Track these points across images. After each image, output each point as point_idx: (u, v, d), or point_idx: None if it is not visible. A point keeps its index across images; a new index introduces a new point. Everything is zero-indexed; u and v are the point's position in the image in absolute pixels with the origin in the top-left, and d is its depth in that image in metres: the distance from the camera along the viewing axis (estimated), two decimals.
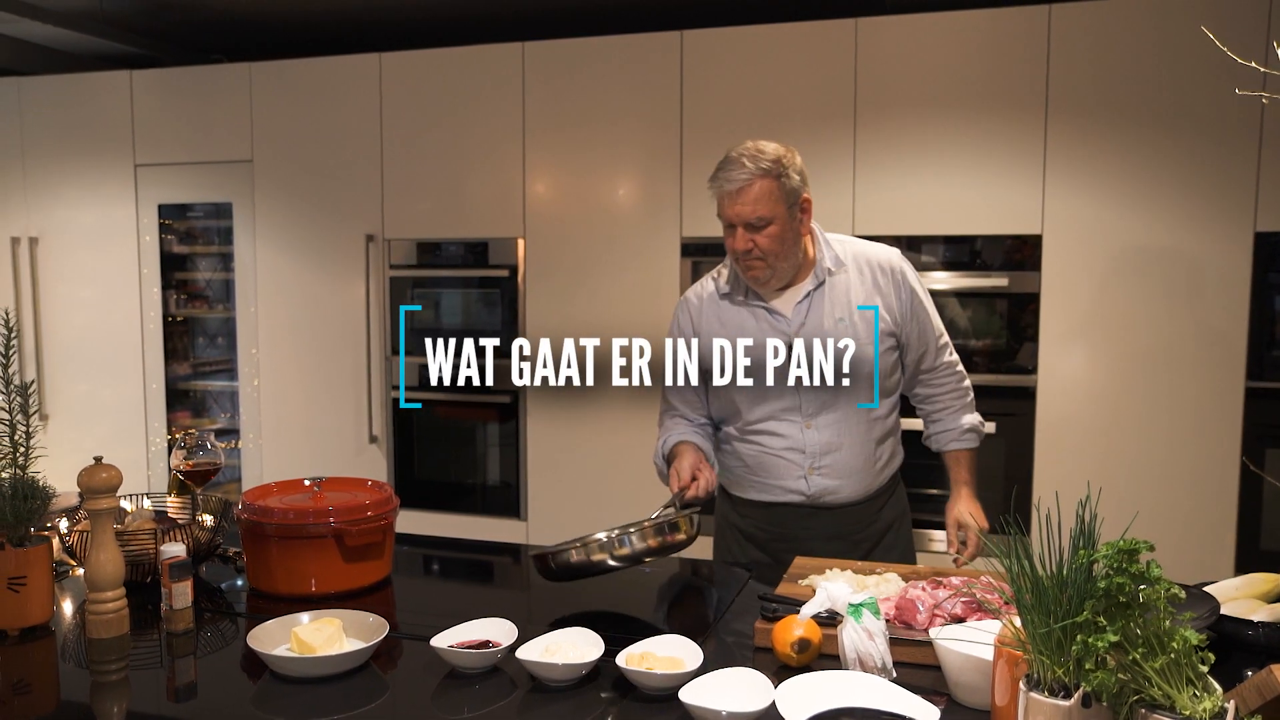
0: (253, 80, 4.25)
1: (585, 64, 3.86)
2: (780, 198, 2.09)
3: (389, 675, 1.59)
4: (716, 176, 2.13)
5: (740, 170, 2.08)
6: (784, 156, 2.11)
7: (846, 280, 2.20)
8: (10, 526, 1.68)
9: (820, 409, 2.18)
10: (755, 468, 2.26)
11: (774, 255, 2.12)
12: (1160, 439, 3.35)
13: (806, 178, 2.16)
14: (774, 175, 2.08)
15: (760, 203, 2.07)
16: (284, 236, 4.27)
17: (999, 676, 1.25)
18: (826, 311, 2.18)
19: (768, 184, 2.07)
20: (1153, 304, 3.33)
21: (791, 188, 2.11)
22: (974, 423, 2.39)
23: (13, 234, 4.59)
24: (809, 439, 2.19)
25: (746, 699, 1.37)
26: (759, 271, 2.15)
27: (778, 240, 2.11)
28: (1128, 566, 1.07)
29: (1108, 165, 3.33)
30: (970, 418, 2.39)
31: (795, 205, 2.12)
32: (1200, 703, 1.03)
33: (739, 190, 2.08)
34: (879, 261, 2.23)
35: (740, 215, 2.09)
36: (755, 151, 2.10)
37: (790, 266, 2.17)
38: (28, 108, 4.55)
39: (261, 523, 1.89)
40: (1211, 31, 3.00)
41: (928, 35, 3.48)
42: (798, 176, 2.12)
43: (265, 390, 4.36)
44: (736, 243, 2.11)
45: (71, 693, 1.60)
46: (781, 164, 2.09)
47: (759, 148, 2.11)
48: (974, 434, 2.38)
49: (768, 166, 2.08)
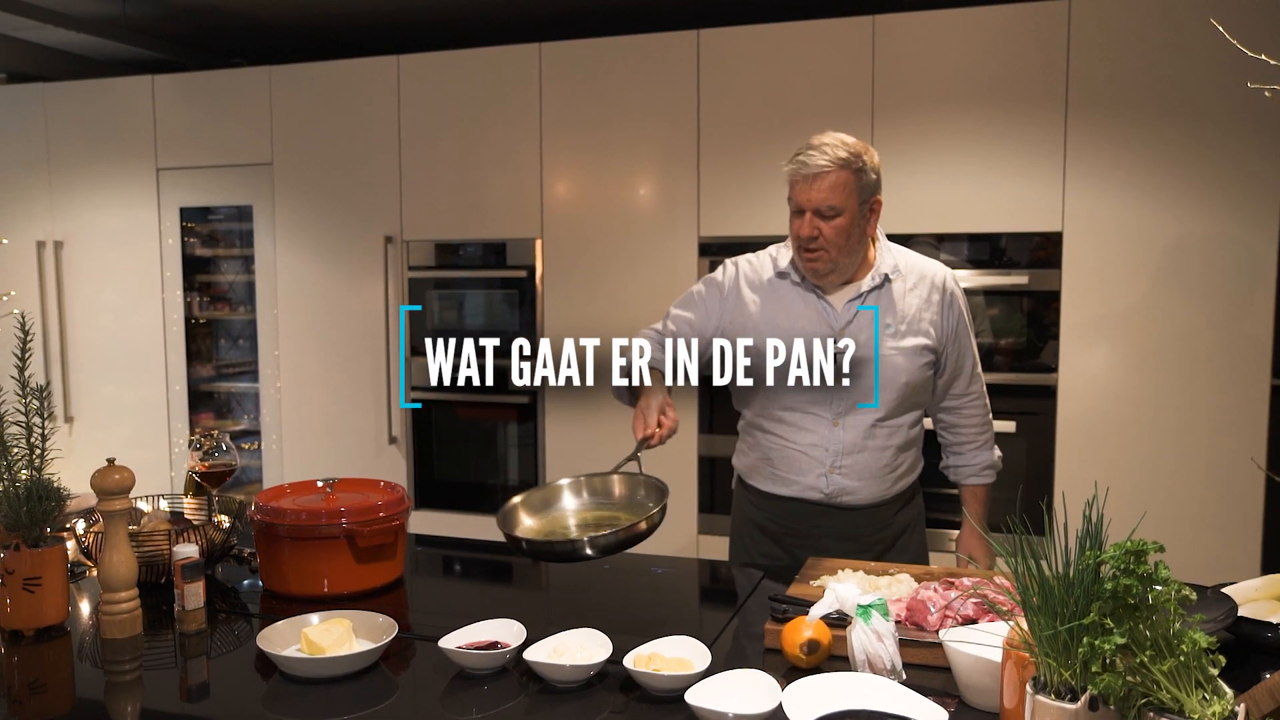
0: (272, 83, 4.28)
1: (602, 64, 3.86)
2: (854, 191, 2.08)
3: (398, 676, 1.59)
4: (795, 158, 2.10)
5: (821, 156, 2.06)
6: (865, 153, 2.10)
7: (902, 289, 2.18)
8: (25, 528, 1.70)
9: (850, 409, 2.16)
10: (776, 460, 2.24)
11: (836, 248, 2.10)
12: (1184, 437, 3.31)
13: (880, 177, 2.15)
14: (853, 168, 2.07)
15: (835, 191, 2.06)
16: (304, 238, 4.30)
17: (1007, 679, 1.24)
18: (875, 315, 2.16)
19: (845, 175, 2.06)
20: (1176, 301, 3.29)
21: (867, 184, 2.10)
22: (994, 459, 2.40)
23: (38, 238, 4.64)
24: (835, 437, 2.17)
25: (753, 701, 1.36)
26: (819, 263, 2.13)
27: (844, 233, 2.09)
28: (1135, 568, 1.05)
29: (1129, 161, 3.29)
30: (991, 454, 2.39)
31: (867, 203, 2.12)
32: (1210, 706, 1.01)
33: (816, 175, 2.06)
34: (933, 277, 2.22)
35: (812, 201, 2.07)
36: (838, 142, 2.09)
37: (851, 263, 2.16)
38: (53, 113, 4.60)
39: (274, 524, 1.90)
40: (1226, 23, 2.96)
41: (945, 31, 3.45)
42: (874, 175, 2.12)
43: (286, 391, 4.39)
44: (803, 228, 2.09)
45: (86, 692, 1.61)
46: (862, 159, 2.09)
47: (842, 139, 2.10)
48: (992, 470, 2.39)
49: (848, 158, 2.06)
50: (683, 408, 3.80)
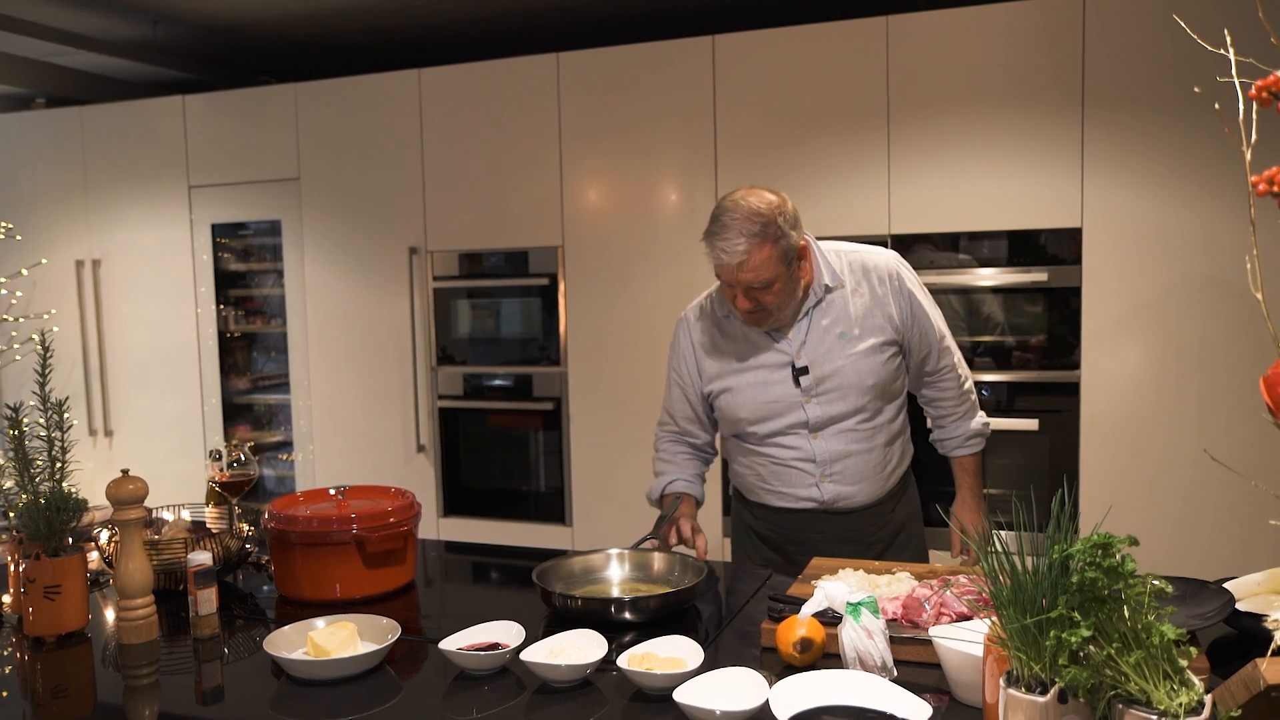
0: (298, 100, 4.36)
1: (619, 72, 3.89)
2: (778, 258, 2.06)
3: (402, 677, 1.63)
4: (712, 243, 2.07)
5: (736, 240, 2.03)
6: (777, 214, 2.05)
7: (844, 295, 2.19)
8: (45, 538, 1.76)
9: (826, 421, 2.19)
10: (768, 477, 2.27)
11: (777, 306, 2.13)
12: (1210, 432, 3.26)
13: (799, 221, 2.12)
14: (771, 239, 2.04)
15: (761, 269, 2.05)
16: (331, 251, 4.38)
17: (988, 674, 1.25)
18: (826, 327, 2.18)
19: (765, 249, 2.03)
20: (1198, 295, 3.25)
21: (788, 245, 2.08)
22: (978, 427, 2.37)
23: (77, 257, 4.77)
24: (818, 448, 2.20)
25: (742, 698, 1.38)
26: (763, 323, 2.17)
27: (781, 294, 2.11)
28: (1101, 561, 1.06)
29: (1147, 155, 3.26)
30: (974, 423, 2.37)
31: (795, 261, 2.11)
32: (1177, 697, 1.02)
33: (739, 262, 2.04)
34: (876, 269, 2.21)
35: (741, 281, 2.07)
36: (749, 216, 2.03)
37: (791, 309, 2.17)
38: (89, 135, 4.72)
39: (286, 531, 1.95)
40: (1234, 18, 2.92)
41: (959, 30, 3.45)
42: (792, 230, 2.09)
43: (317, 402, 4.47)
44: (740, 302, 2.11)
45: (106, 697, 1.67)
46: (776, 224, 2.04)
47: (752, 210, 2.04)
48: (979, 439, 2.38)
49: (762, 231, 2.03)
50: None
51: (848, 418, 2.18)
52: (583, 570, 1.97)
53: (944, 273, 3.51)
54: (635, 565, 1.99)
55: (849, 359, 2.16)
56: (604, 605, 1.79)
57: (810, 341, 2.18)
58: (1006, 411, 3.49)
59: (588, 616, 1.77)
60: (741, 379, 2.23)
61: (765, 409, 2.21)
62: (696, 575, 1.87)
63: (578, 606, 1.79)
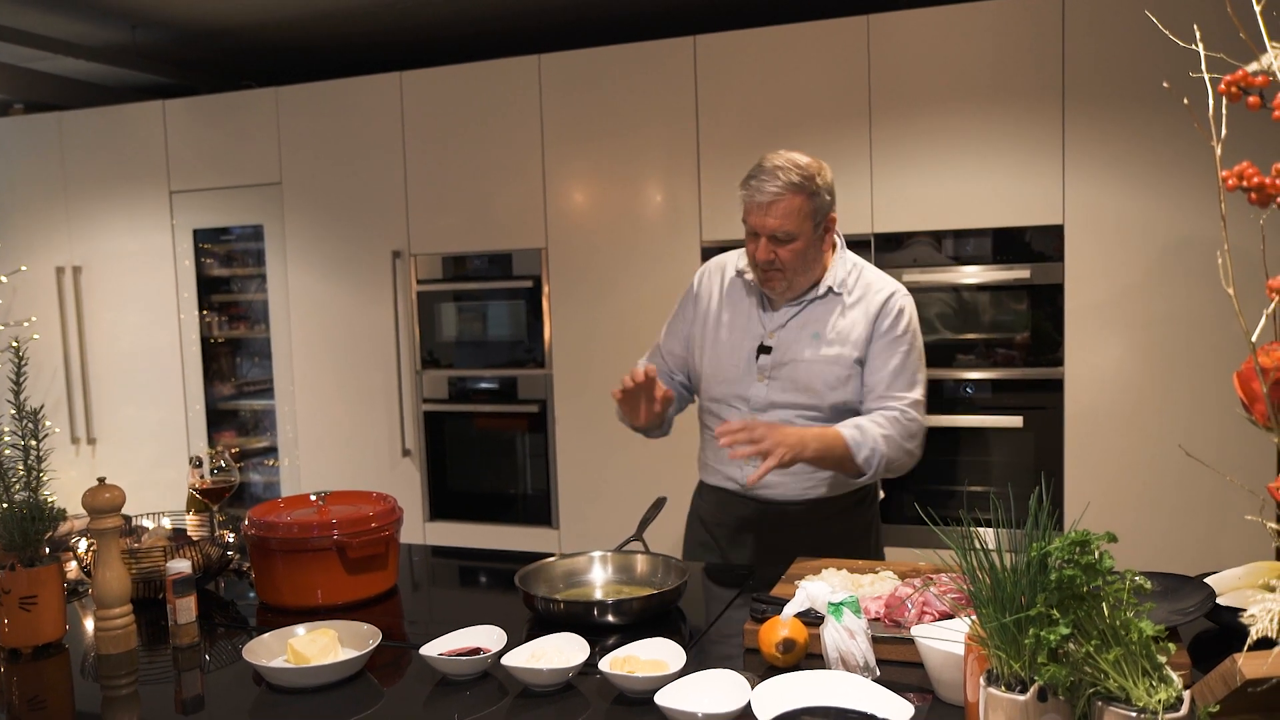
0: (279, 104, 4.34)
1: (601, 73, 3.88)
2: (808, 214, 2.10)
3: (384, 683, 1.62)
4: (748, 184, 2.12)
5: (773, 182, 2.07)
6: (818, 173, 2.11)
7: (839, 304, 2.20)
8: (20, 548, 1.74)
9: (768, 405, 2.21)
10: (707, 449, 2.35)
11: (792, 270, 2.14)
12: (1193, 427, 3.27)
13: (834, 195, 2.17)
14: (806, 192, 2.08)
15: (788, 218, 2.08)
16: (313, 256, 4.36)
17: (969, 673, 1.24)
18: (807, 324, 2.20)
19: (798, 200, 2.08)
20: (1181, 290, 3.26)
21: (820, 205, 2.11)
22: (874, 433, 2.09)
23: (58, 264, 4.74)
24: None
25: (723, 700, 1.37)
26: (775, 283, 2.18)
27: (799, 256, 2.12)
28: (1079, 558, 1.05)
29: (1128, 152, 3.27)
30: (876, 431, 2.09)
31: (821, 223, 2.14)
32: (1156, 694, 1.02)
33: (769, 203, 2.08)
34: (876, 295, 2.21)
35: (766, 227, 2.09)
36: (789, 164, 2.09)
37: (806, 281, 2.19)
38: (68, 141, 4.69)
39: (266, 537, 1.93)
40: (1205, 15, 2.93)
41: (940, 28, 3.45)
42: (828, 195, 2.13)
43: (302, 408, 4.45)
44: (759, 252, 2.13)
45: (85, 707, 1.65)
46: (814, 181, 2.10)
47: (794, 161, 2.10)
48: (858, 433, 2.09)
49: (799, 182, 2.07)
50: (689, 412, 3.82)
51: (791, 409, 2.19)
52: (566, 573, 1.97)
53: (927, 271, 3.51)
54: (618, 568, 1.98)
55: (810, 358, 2.18)
56: (586, 608, 1.79)
57: (789, 327, 2.21)
58: (991, 409, 3.50)
59: (570, 620, 1.76)
60: (717, 336, 2.28)
61: (723, 369, 2.25)
62: (679, 577, 1.86)
63: (560, 610, 1.78)
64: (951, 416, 3.53)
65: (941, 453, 3.57)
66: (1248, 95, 0.95)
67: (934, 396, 3.56)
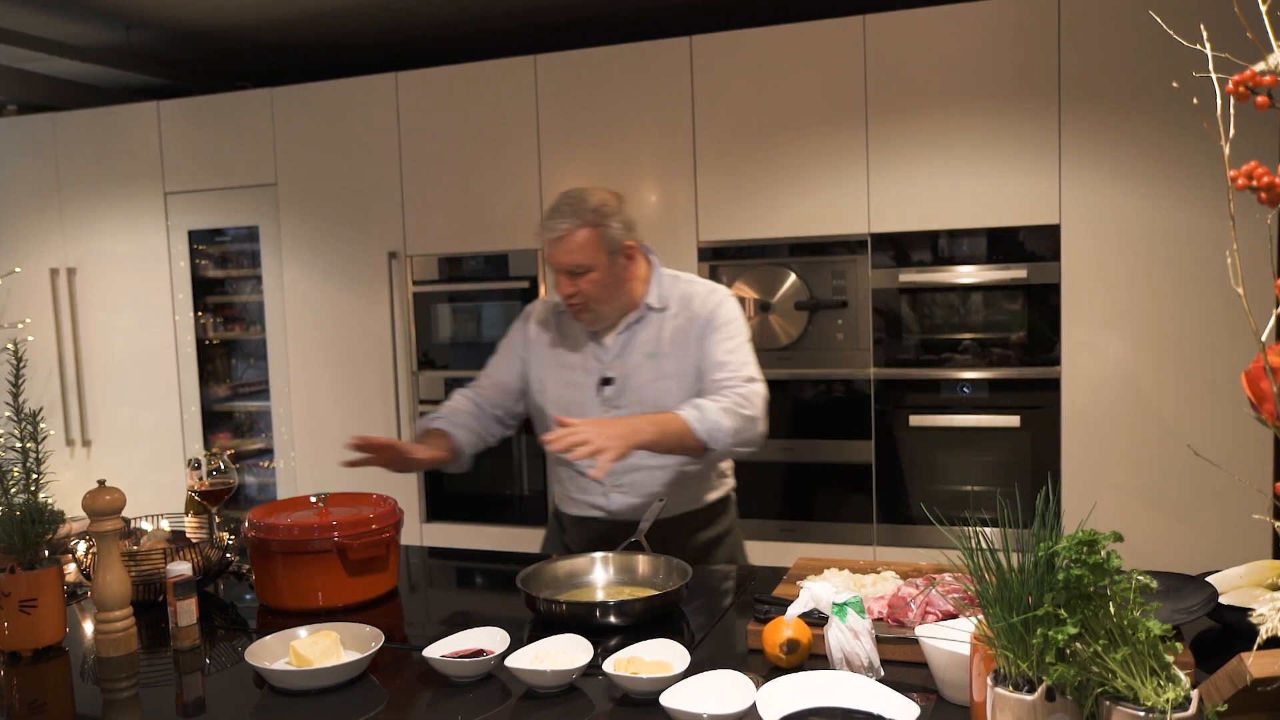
0: (274, 105, 4.33)
1: (597, 74, 3.88)
2: (601, 246, 2.16)
3: (386, 685, 1.61)
4: (543, 221, 2.20)
5: (561, 219, 2.15)
6: (606, 205, 2.17)
7: (661, 319, 2.25)
8: (20, 551, 1.73)
9: None
10: (566, 481, 2.36)
11: (595, 300, 2.19)
12: (1191, 426, 3.28)
13: (632, 225, 2.22)
14: (594, 224, 2.15)
15: (581, 251, 2.14)
16: (309, 257, 4.35)
17: (975, 673, 1.24)
18: (640, 344, 2.24)
19: (587, 233, 2.14)
20: (1178, 289, 3.27)
21: (613, 236, 2.17)
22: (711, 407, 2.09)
23: (52, 265, 4.72)
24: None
25: (728, 701, 1.37)
26: (582, 315, 2.23)
27: (599, 286, 2.17)
28: (1086, 558, 1.05)
29: (1124, 151, 3.28)
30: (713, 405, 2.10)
31: (617, 253, 2.19)
32: (1164, 693, 1.02)
33: (560, 238, 2.15)
34: (697, 302, 2.25)
35: (562, 262, 2.16)
36: (578, 200, 2.17)
37: (613, 310, 2.24)
38: (62, 142, 4.68)
39: (267, 539, 1.93)
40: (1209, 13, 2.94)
41: (935, 28, 3.46)
42: (620, 225, 2.19)
43: (298, 409, 4.44)
44: (560, 287, 2.19)
45: (85, 709, 1.64)
46: (602, 213, 2.16)
47: (583, 196, 2.18)
48: (695, 410, 2.09)
49: (588, 216, 2.15)
50: None
51: None
52: (567, 574, 1.96)
53: (924, 270, 3.51)
54: (620, 569, 1.98)
55: (652, 378, 2.22)
56: (588, 609, 1.79)
57: (624, 355, 2.25)
58: (987, 409, 3.51)
59: (572, 621, 1.75)
60: (557, 375, 2.31)
61: (570, 407, 2.28)
62: (682, 578, 1.86)
63: (562, 611, 1.78)
64: (948, 416, 3.54)
65: (938, 452, 3.57)
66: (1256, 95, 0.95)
67: (931, 396, 3.56)
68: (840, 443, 3.69)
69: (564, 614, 1.78)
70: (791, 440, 3.74)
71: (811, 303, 3.67)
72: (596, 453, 1.92)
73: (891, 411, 3.61)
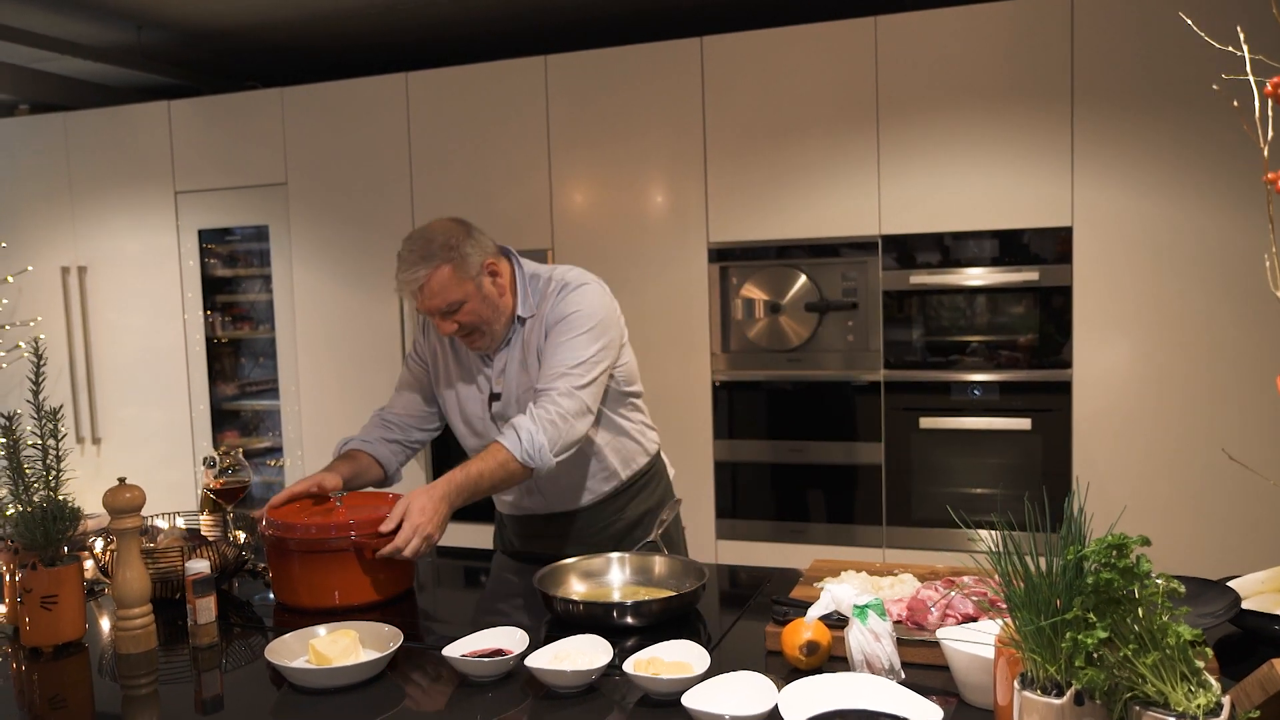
0: (285, 105, 4.34)
1: (607, 74, 3.88)
2: (464, 277, 2.11)
3: (405, 685, 1.62)
4: (397, 275, 2.15)
5: (413, 269, 2.10)
6: (451, 235, 2.12)
7: (530, 326, 2.24)
8: (41, 547, 1.74)
9: None
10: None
11: (480, 326, 2.18)
12: (1204, 431, 3.28)
13: (485, 243, 2.18)
14: (446, 260, 2.10)
15: (445, 290, 2.10)
16: (319, 256, 4.35)
17: (1000, 676, 1.24)
18: (517, 357, 2.24)
19: (444, 271, 2.09)
20: (1191, 293, 3.27)
21: (470, 263, 2.12)
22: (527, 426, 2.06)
23: (63, 264, 4.73)
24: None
25: (750, 703, 1.37)
26: (479, 344, 2.22)
27: (477, 315, 2.16)
28: (1116, 562, 1.05)
29: (1137, 154, 3.28)
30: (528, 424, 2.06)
31: (480, 275, 2.15)
32: (1195, 699, 1.02)
33: (422, 286, 2.10)
34: (546, 302, 2.23)
35: (433, 307, 2.13)
36: (424, 241, 2.11)
37: (504, 325, 2.22)
38: (73, 141, 4.68)
39: (285, 538, 1.93)
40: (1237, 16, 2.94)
41: (947, 29, 3.46)
42: (473, 249, 2.13)
43: (306, 408, 4.44)
44: (443, 329, 2.17)
45: (105, 707, 1.65)
46: (449, 247, 2.10)
47: (428, 237, 2.12)
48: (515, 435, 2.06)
49: (440, 254, 2.09)
50: (698, 413, 3.82)
51: None
52: (583, 574, 1.96)
53: (935, 273, 3.51)
54: (636, 569, 1.98)
55: (526, 389, 2.22)
56: (606, 610, 1.79)
57: (507, 369, 2.25)
58: (998, 411, 3.50)
59: (589, 621, 1.75)
60: (454, 392, 2.33)
61: (471, 423, 2.32)
62: (698, 579, 1.86)
63: (579, 611, 1.78)
64: (959, 418, 3.53)
65: (948, 454, 3.57)
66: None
67: (941, 398, 3.56)
68: (850, 444, 3.69)
69: (581, 614, 1.78)
70: (801, 441, 3.74)
71: (822, 304, 3.67)
72: (426, 540, 1.94)
73: (901, 413, 3.61)
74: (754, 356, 3.78)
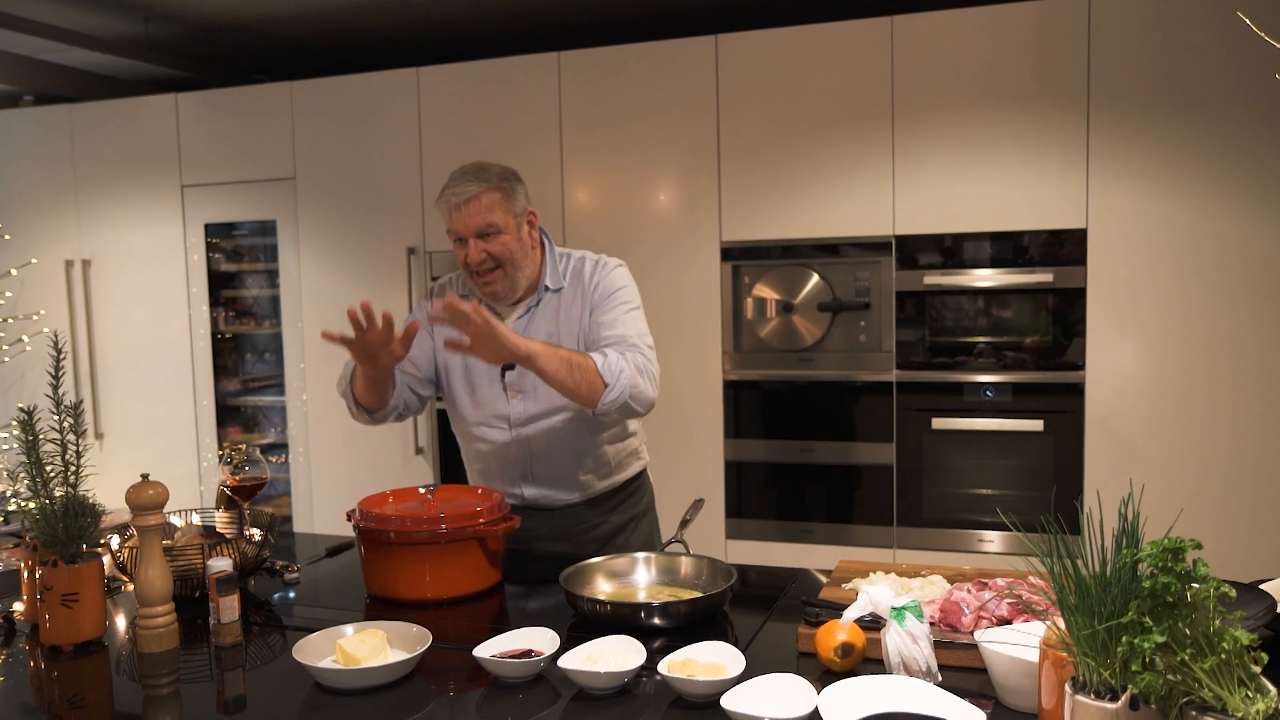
0: (294, 99, 4.31)
1: (620, 72, 3.87)
2: (508, 209, 2.17)
3: (435, 685, 1.60)
4: (444, 193, 2.18)
5: (468, 184, 2.15)
6: (507, 173, 2.20)
7: (559, 299, 2.26)
8: (62, 544, 1.72)
9: (528, 418, 2.26)
10: (477, 469, 2.38)
11: (509, 263, 2.18)
12: (1218, 434, 3.27)
13: (529, 198, 2.25)
14: (498, 188, 2.16)
15: (490, 211, 2.15)
16: (327, 251, 4.33)
17: (1045, 679, 1.23)
18: (539, 327, 2.24)
19: (494, 196, 2.15)
20: (1203, 296, 3.26)
21: (518, 201, 2.20)
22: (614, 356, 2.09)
23: (67, 257, 4.70)
24: (520, 446, 2.27)
25: (789, 705, 1.36)
26: (496, 285, 2.21)
27: (509, 249, 2.17)
28: (1173, 565, 1.04)
29: (1153, 155, 3.27)
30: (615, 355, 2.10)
31: (522, 217, 2.21)
32: (1253, 704, 1.00)
33: (468, 201, 2.14)
34: (583, 274, 2.27)
35: (471, 225, 2.15)
36: (481, 168, 2.19)
37: (525, 277, 2.24)
38: (79, 134, 4.65)
39: (381, 530, 1.95)
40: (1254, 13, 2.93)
41: (963, 30, 3.45)
42: (522, 194, 2.21)
43: (312, 404, 4.42)
44: (470, 255, 2.17)
45: (125, 706, 1.63)
46: (505, 179, 2.18)
47: (482, 165, 2.20)
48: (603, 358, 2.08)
49: (494, 181, 2.16)
50: (708, 412, 3.81)
51: (551, 416, 2.25)
52: (609, 574, 1.95)
53: (949, 273, 3.50)
54: (662, 569, 1.96)
55: None
56: (634, 610, 1.77)
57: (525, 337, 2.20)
58: (1010, 413, 3.50)
59: (617, 622, 1.74)
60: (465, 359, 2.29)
61: (477, 393, 2.30)
62: (725, 579, 1.85)
63: (607, 611, 1.76)
64: (971, 419, 3.52)
65: (960, 455, 3.56)
66: None
67: (954, 399, 3.55)
68: (861, 445, 3.67)
69: (608, 614, 1.76)
70: (812, 441, 3.73)
71: (834, 304, 3.66)
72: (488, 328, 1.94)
73: (913, 414, 3.59)
74: (765, 356, 3.77)
